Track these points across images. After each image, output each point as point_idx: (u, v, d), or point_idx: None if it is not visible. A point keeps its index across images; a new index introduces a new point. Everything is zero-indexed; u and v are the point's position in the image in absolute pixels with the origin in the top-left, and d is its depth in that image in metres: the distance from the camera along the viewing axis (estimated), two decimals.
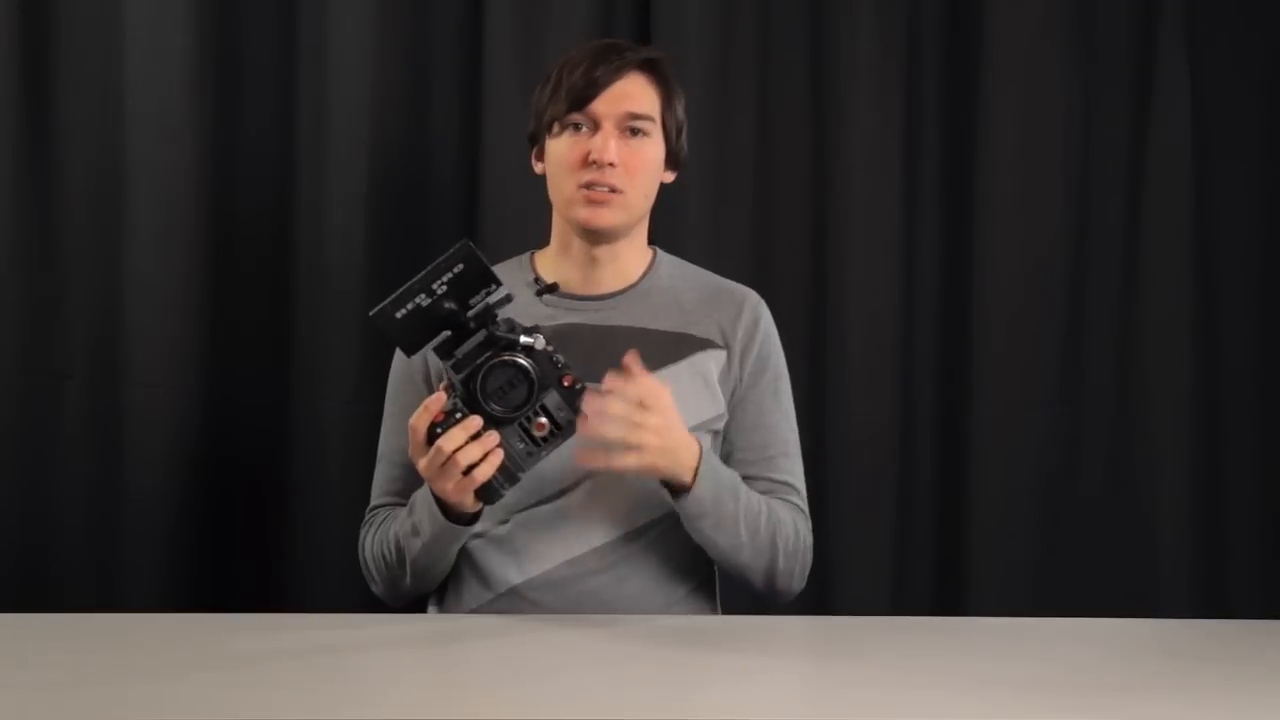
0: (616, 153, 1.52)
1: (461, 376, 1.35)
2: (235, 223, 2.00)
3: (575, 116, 1.53)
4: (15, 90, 1.93)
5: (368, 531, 1.60)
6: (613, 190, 1.53)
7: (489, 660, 1.32)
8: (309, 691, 1.14)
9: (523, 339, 1.36)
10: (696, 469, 1.46)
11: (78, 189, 1.96)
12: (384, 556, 1.54)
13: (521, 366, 1.35)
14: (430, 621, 1.58)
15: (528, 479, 1.42)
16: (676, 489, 1.48)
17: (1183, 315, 2.10)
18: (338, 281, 1.98)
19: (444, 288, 1.32)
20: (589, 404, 1.40)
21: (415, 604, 1.61)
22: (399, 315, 1.32)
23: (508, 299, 1.36)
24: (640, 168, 1.55)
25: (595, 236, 1.57)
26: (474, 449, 1.35)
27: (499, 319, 1.36)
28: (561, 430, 1.38)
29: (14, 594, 1.93)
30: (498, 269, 1.66)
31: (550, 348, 1.37)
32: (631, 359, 1.44)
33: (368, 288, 1.97)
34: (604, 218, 1.55)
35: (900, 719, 1.10)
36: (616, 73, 1.53)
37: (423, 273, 1.32)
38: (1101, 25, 2.10)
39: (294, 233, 2.00)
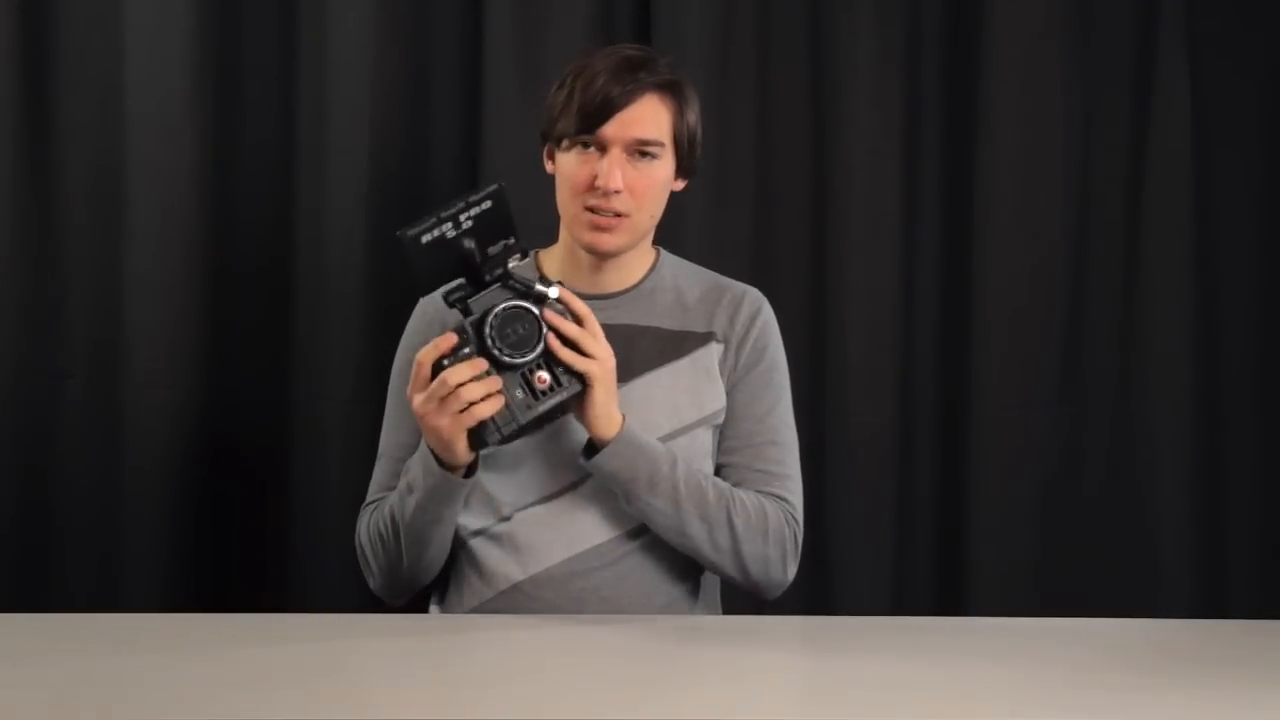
0: (622, 179, 1.51)
1: (474, 319, 1.37)
2: (235, 223, 2.00)
3: (584, 137, 1.52)
4: (15, 90, 1.93)
5: (363, 518, 1.60)
6: (618, 215, 1.53)
7: (488, 660, 1.32)
8: (309, 691, 1.14)
9: (538, 287, 1.38)
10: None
11: (78, 189, 1.96)
12: (381, 535, 1.53)
13: (533, 313, 1.38)
14: (429, 621, 1.58)
15: (530, 476, 1.42)
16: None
17: (1183, 315, 2.10)
18: (338, 281, 1.98)
19: (469, 222, 1.34)
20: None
21: (416, 601, 1.60)
22: (424, 240, 1.32)
23: (524, 253, 1.38)
24: (647, 190, 1.54)
25: (601, 256, 1.57)
26: (477, 387, 1.37)
27: (513, 275, 1.37)
28: (562, 387, 1.40)
29: (14, 594, 1.93)
30: None
31: (564, 304, 1.40)
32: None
33: (368, 288, 1.97)
34: (608, 242, 1.54)
35: (900, 719, 1.10)
36: (629, 96, 1.50)
37: (452, 204, 1.33)
38: (1101, 25, 2.10)
39: (294, 233, 2.00)
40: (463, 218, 1.33)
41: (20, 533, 1.95)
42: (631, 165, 1.52)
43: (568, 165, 1.54)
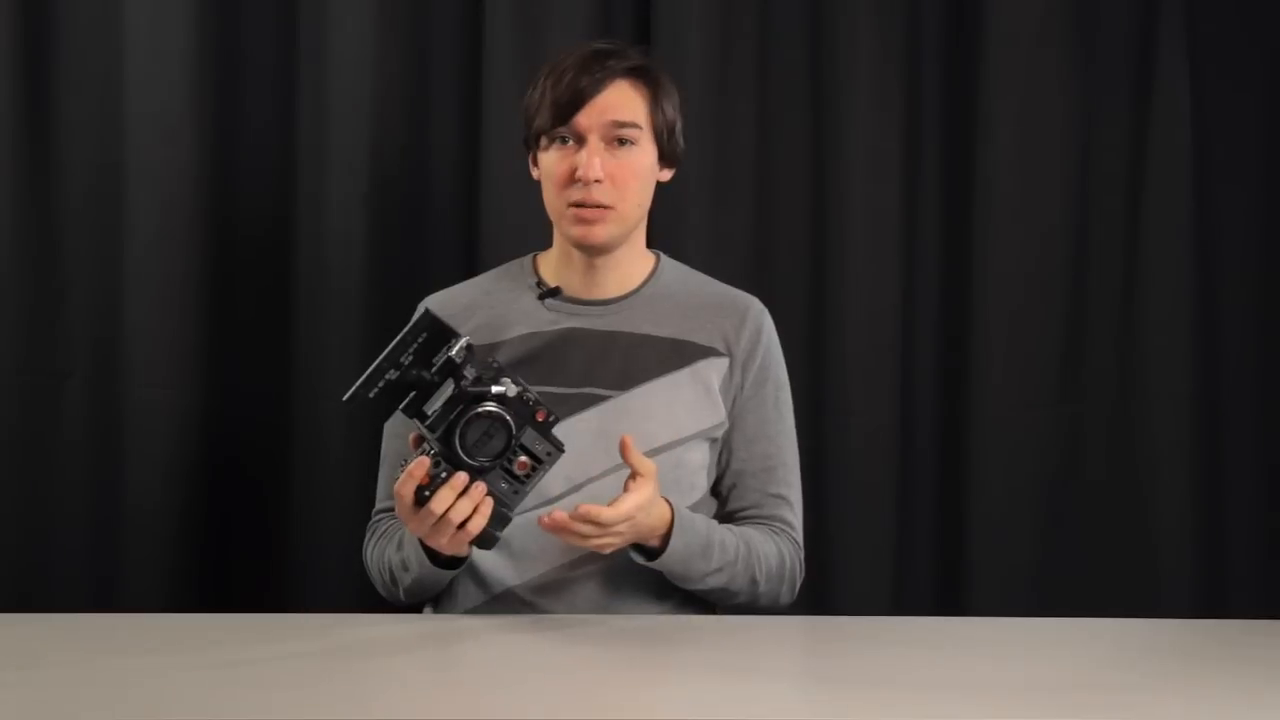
0: (602, 168, 1.51)
1: (439, 435, 1.34)
2: (235, 223, 2.00)
3: (560, 130, 1.52)
4: (15, 90, 1.93)
5: (370, 540, 1.61)
6: (602, 206, 1.53)
7: (487, 660, 1.32)
8: (309, 691, 1.14)
9: (494, 389, 1.35)
10: (668, 534, 1.47)
11: (78, 189, 1.96)
12: (380, 574, 1.57)
13: (497, 415, 1.34)
14: (429, 621, 1.58)
15: None
16: (648, 551, 1.48)
17: (1183, 314, 2.10)
18: (338, 281, 1.98)
19: (410, 358, 1.32)
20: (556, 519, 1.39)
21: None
22: (372, 395, 1.32)
23: (469, 349, 1.34)
24: (629, 178, 1.54)
25: (591, 250, 1.57)
26: (464, 504, 1.35)
27: (465, 370, 1.34)
28: (542, 463, 1.38)
29: (14, 594, 1.93)
30: (499, 271, 1.68)
31: (520, 388, 1.36)
32: (628, 442, 1.42)
33: (368, 288, 1.97)
34: (595, 234, 1.54)
35: (900, 719, 1.10)
36: (599, 84, 1.51)
37: (388, 349, 1.32)
38: (1101, 26, 2.10)
39: (294, 233, 2.00)
40: (402, 358, 1.32)
41: (20, 532, 1.95)
42: (610, 154, 1.52)
43: (548, 162, 1.55)
